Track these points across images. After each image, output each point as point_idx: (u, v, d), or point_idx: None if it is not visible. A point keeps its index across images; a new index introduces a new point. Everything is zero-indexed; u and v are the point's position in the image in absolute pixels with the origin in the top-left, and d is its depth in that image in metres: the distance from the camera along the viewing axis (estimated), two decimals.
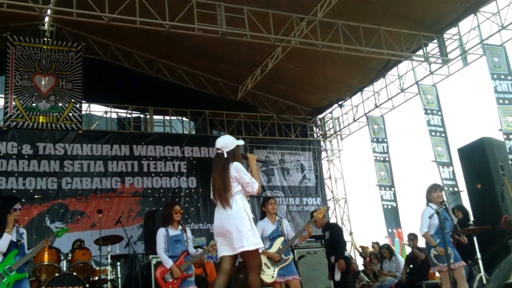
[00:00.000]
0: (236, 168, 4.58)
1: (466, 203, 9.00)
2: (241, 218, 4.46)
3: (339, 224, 15.46)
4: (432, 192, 6.38)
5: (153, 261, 8.00)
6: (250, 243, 4.40)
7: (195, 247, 6.70)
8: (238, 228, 4.42)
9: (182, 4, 9.55)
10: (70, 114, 12.25)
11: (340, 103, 15.43)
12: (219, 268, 4.62)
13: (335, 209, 15.68)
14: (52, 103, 12.09)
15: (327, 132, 16.21)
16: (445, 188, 10.00)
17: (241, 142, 4.87)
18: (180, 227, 6.37)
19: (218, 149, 4.72)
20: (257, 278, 4.54)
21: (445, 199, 6.86)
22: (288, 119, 15.36)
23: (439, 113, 11.61)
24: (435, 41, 11.85)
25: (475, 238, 6.31)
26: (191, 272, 6.28)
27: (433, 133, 11.27)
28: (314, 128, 16.25)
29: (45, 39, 12.55)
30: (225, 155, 4.66)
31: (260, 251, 4.65)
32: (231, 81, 14.39)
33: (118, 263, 8.68)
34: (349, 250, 13.93)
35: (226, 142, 4.72)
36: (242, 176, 4.56)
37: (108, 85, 13.23)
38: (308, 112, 15.72)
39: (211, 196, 4.74)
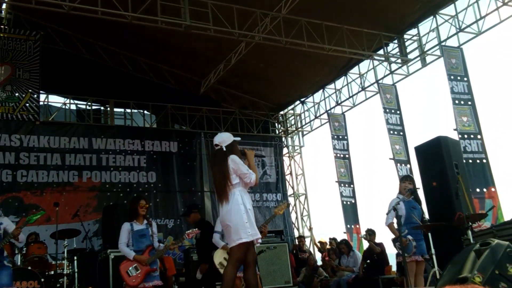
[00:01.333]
0: (233, 160, 4.73)
1: (422, 200, 9.23)
2: (237, 210, 4.62)
3: (299, 219, 15.63)
4: (401, 182, 6.64)
5: (111, 256, 7.89)
6: (248, 235, 4.58)
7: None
8: (236, 221, 4.59)
9: None
10: (27, 105, 11.88)
11: (302, 100, 15.56)
12: (229, 259, 4.77)
13: (295, 205, 15.83)
14: (8, 92, 11.69)
15: (288, 129, 16.32)
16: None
17: (237, 139, 5.01)
18: (145, 222, 6.35)
19: (216, 145, 4.90)
20: (234, 271, 4.66)
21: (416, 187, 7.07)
22: (251, 115, 15.38)
23: (398, 112, 11.85)
24: (396, 41, 12.10)
25: (429, 234, 6.48)
26: (156, 266, 6.23)
27: (391, 131, 11.50)
28: (276, 124, 16.34)
29: (2, 26, 12.12)
30: (224, 149, 4.82)
31: (259, 242, 4.78)
32: (194, 75, 14.30)
33: (75, 258, 8.51)
34: (309, 245, 14.10)
35: (223, 138, 4.92)
36: (239, 167, 4.71)
37: (67, 76, 12.91)
38: (270, 108, 15.78)
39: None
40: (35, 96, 12.03)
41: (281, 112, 16.33)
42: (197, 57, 13.32)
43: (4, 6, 12.03)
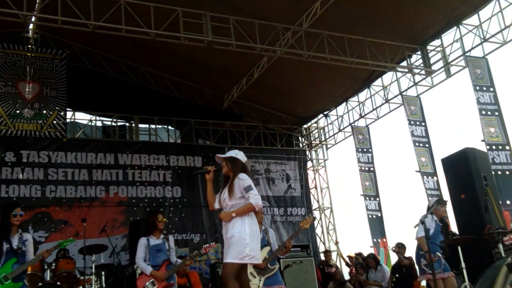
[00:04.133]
0: None
1: (450, 213, 9.10)
2: None
3: (325, 233, 15.49)
4: (440, 207, 6.57)
5: (138, 271, 7.92)
6: None
7: (178, 257, 6.68)
8: None
9: (168, 13, 9.56)
10: (55, 122, 12.14)
11: (325, 113, 15.52)
12: None
13: (320, 218, 15.71)
14: (36, 110, 11.97)
15: (312, 142, 16.26)
16: (430, 198, 10.09)
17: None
18: (162, 236, 6.37)
19: None
20: None
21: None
22: (274, 129, 15.40)
23: (423, 123, 11.73)
24: (419, 52, 12.01)
25: (459, 248, 6.36)
26: (173, 281, 6.26)
27: (417, 144, 11.38)
28: (300, 137, 16.30)
29: (29, 46, 12.45)
30: None
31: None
32: (217, 90, 14.41)
33: (103, 273, 8.58)
34: (335, 259, 13.95)
35: None
36: None
37: (93, 93, 13.18)
38: (293, 121, 15.76)
39: None
40: (62, 113, 12.30)
41: (305, 126, 16.30)
42: (219, 72, 13.43)
43: (31, 26, 12.34)
